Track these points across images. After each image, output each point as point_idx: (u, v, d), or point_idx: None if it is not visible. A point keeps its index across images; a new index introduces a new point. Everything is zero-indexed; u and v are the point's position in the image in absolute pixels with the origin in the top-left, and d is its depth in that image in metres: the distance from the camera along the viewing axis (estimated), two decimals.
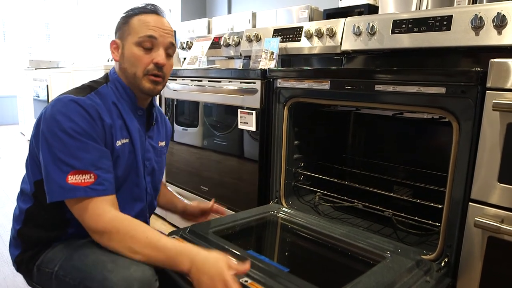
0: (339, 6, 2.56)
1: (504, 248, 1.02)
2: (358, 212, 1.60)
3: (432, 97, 1.14)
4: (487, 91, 1.02)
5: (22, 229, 1.05)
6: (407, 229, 1.44)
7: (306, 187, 1.72)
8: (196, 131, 2.09)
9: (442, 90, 1.11)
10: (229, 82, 1.79)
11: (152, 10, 1.08)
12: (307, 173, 1.72)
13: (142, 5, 1.09)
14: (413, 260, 1.10)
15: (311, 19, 2.66)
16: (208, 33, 3.54)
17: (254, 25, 3.13)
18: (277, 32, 2.18)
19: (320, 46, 1.95)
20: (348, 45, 1.81)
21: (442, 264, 1.13)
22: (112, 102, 1.05)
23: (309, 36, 1.99)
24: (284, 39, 2.12)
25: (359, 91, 1.31)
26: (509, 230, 0.99)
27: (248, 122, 1.69)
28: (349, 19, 1.84)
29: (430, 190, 1.49)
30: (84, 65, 4.01)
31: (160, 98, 2.33)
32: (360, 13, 2.36)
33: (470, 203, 1.08)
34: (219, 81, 1.84)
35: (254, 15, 3.15)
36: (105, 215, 0.94)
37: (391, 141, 1.91)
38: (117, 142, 1.03)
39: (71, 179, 0.92)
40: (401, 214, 1.40)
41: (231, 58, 2.72)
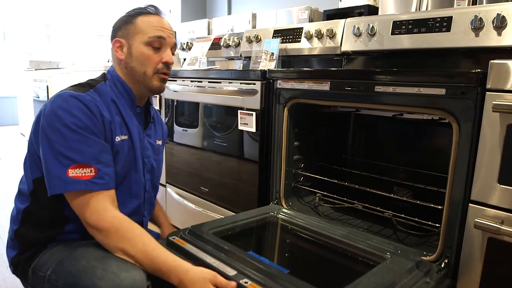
0: (339, 7, 2.56)
1: (504, 250, 1.02)
2: (358, 213, 1.60)
3: (432, 98, 1.14)
4: (487, 92, 1.02)
5: (19, 229, 1.05)
6: (407, 230, 1.44)
7: (306, 188, 1.72)
8: (196, 132, 2.09)
9: (442, 91, 1.11)
10: (229, 83, 1.79)
11: (154, 11, 1.11)
12: (307, 174, 1.72)
13: (143, 6, 1.11)
14: (413, 261, 1.10)
15: (311, 20, 2.67)
16: (208, 34, 3.54)
17: (254, 26, 3.14)
18: (277, 33, 2.18)
19: (320, 47, 1.96)
20: (348, 46, 1.82)
21: (442, 265, 1.13)
22: (111, 99, 1.07)
23: (309, 37, 1.99)
24: (284, 40, 2.12)
25: (359, 92, 1.31)
26: (509, 231, 0.99)
27: (248, 123, 1.69)
28: (349, 20, 1.84)
29: (430, 191, 1.49)
30: (84, 66, 4.01)
31: (160, 99, 2.33)
32: (360, 14, 2.36)
33: (470, 204, 1.08)
34: (219, 82, 1.84)
35: (254, 16, 3.15)
36: (106, 213, 0.95)
37: (391, 142, 1.91)
38: (117, 137, 1.04)
39: (72, 173, 0.93)
40: (401, 215, 1.40)
41: (231, 59, 2.73)
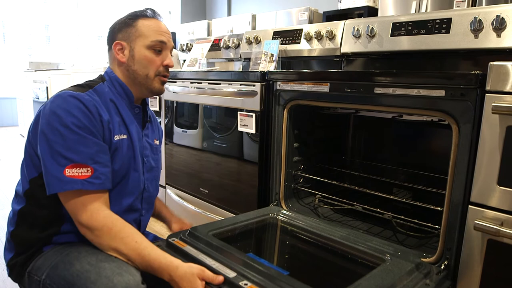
0: (339, 8, 2.57)
1: (504, 251, 1.02)
2: (358, 214, 1.60)
3: (431, 100, 1.14)
4: (487, 94, 1.02)
5: (16, 231, 1.06)
6: (406, 231, 1.44)
7: (306, 189, 1.72)
8: (195, 133, 2.09)
9: (442, 92, 1.11)
10: (229, 84, 1.79)
11: (152, 15, 1.13)
12: (307, 175, 1.72)
13: (142, 10, 1.13)
14: (413, 263, 1.10)
15: (310, 21, 2.67)
16: (208, 35, 3.55)
17: (254, 27, 3.14)
18: (277, 34, 2.18)
19: (319, 49, 1.96)
20: (348, 47, 1.82)
21: (442, 267, 1.13)
22: (109, 99, 1.08)
23: (308, 39, 1.99)
24: (284, 41, 2.12)
25: (359, 93, 1.31)
26: (509, 233, 0.99)
27: (247, 125, 1.70)
28: (349, 21, 1.85)
29: (429, 192, 1.49)
30: (84, 67, 4.01)
31: (160, 100, 2.33)
32: (360, 15, 2.37)
33: (470, 206, 1.08)
34: (219, 83, 1.85)
35: (254, 17, 3.15)
36: (99, 213, 0.97)
37: (390, 144, 1.91)
38: (115, 136, 1.05)
39: (69, 172, 0.94)
40: (400, 216, 1.40)
41: (231, 60, 2.73)
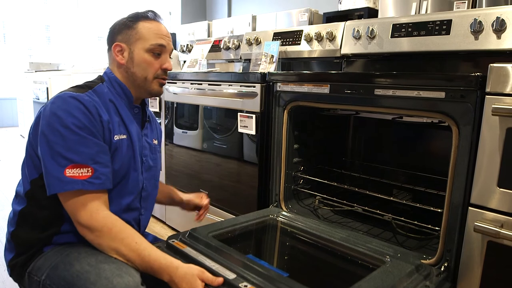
0: (339, 10, 2.57)
1: (504, 253, 1.02)
2: (358, 216, 1.60)
3: (431, 102, 1.14)
4: (487, 96, 1.02)
5: (16, 231, 1.06)
6: (406, 233, 1.44)
7: (306, 190, 1.72)
8: (196, 134, 2.09)
9: (442, 94, 1.11)
10: (229, 85, 1.79)
11: (153, 17, 1.12)
12: (307, 176, 1.72)
13: (143, 12, 1.12)
14: (413, 264, 1.10)
15: (311, 22, 2.67)
16: (208, 36, 3.55)
17: (254, 28, 3.14)
18: (277, 36, 2.18)
19: (319, 50, 1.96)
20: (348, 48, 1.82)
21: (442, 269, 1.13)
22: (109, 100, 1.08)
23: (309, 40, 1.99)
24: (284, 43, 2.12)
25: (359, 95, 1.31)
26: (509, 235, 0.99)
27: (248, 126, 1.70)
28: (349, 22, 1.85)
29: (429, 194, 1.48)
30: (84, 68, 4.02)
31: (160, 101, 2.33)
32: (360, 16, 2.36)
33: (470, 207, 1.08)
34: (219, 85, 1.85)
35: (254, 18, 3.15)
36: (99, 213, 0.97)
37: (390, 145, 1.91)
38: (115, 136, 1.06)
39: (69, 173, 0.95)
40: (400, 218, 1.40)
41: (231, 61, 2.73)
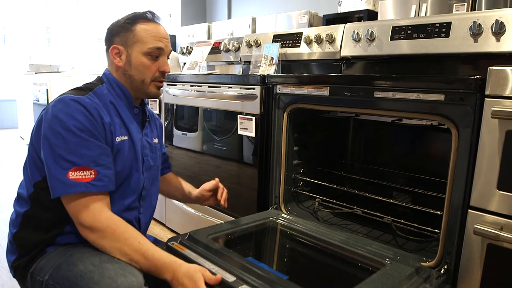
0: (339, 12, 2.57)
1: (504, 256, 1.02)
2: (358, 218, 1.60)
3: (431, 104, 1.14)
4: (486, 99, 1.03)
5: (19, 232, 1.06)
6: (406, 235, 1.43)
7: (306, 193, 1.72)
8: (195, 135, 2.09)
9: (441, 97, 1.11)
10: (229, 87, 1.79)
11: (151, 18, 1.12)
12: (307, 179, 1.72)
13: (141, 13, 1.11)
14: (413, 267, 1.10)
15: (310, 24, 2.68)
16: (208, 38, 3.55)
17: (254, 30, 3.15)
18: (277, 38, 2.18)
19: (319, 52, 1.96)
20: (348, 51, 1.82)
21: (442, 271, 1.13)
22: (109, 101, 1.09)
23: (308, 42, 2.00)
24: (284, 45, 2.12)
25: (359, 97, 1.31)
26: (508, 237, 0.99)
27: (247, 128, 1.70)
28: (349, 25, 1.85)
29: (429, 196, 1.48)
30: (84, 70, 4.02)
31: (160, 103, 2.34)
32: (360, 18, 2.37)
33: (470, 210, 1.08)
34: (219, 87, 1.85)
35: (254, 20, 3.16)
36: (102, 214, 0.98)
37: (390, 147, 1.91)
38: (117, 138, 1.06)
39: (72, 175, 0.95)
40: (400, 220, 1.40)
41: (231, 63, 2.73)
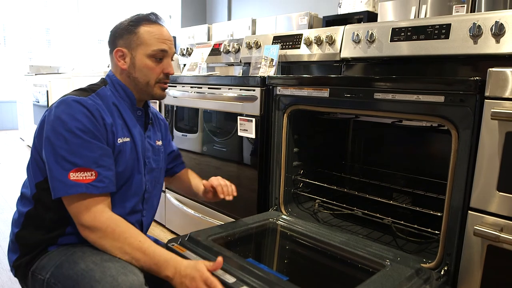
0: (339, 13, 2.58)
1: (504, 257, 1.02)
2: (358, 219, 1.60)
3: (431, 106, 1.14)
4: (486, 100, 1.03)
5: (21, 232, 1.06)
6: (406, 236, 1.44)
7: (306, 194, 1.72)
8: (195, 137, 2.09)
9: (441, 98, 1.12)
10: (229, 89, 1.79)
11: (155, 20, 1.11)
12: (307, 180, 1.72)
13: (144, 15, 1.11)
14: (413, 268, 1.10)
15: (310, 26, 2.68)
16: (208, 39, 3.56)
17: (254, 32, 3.15)
18: (277, 39, 2.19)
19: (319, 54, 1.96)
20: (347, 52, 1.82)
21: (442, 273, 1.13)
22: (112, 103, 1.09)
23: (308, 44, 2.00)
24: (284, 46, 2.13)
25: (359, 99, 1.31)
26: (508, 239, 0.99)
27: (247, 129, 1.70)
28: (348, 26, 1.85)
29: (429, 197, 1.49)
30: (84, 71, 4.03)
31: (160, 105, 2.34)
32: (360, 20, 2.38)
33: (470, 211, 1.08)
34: (219, 88, 1.85)
35: (254, 21, 3.17)
36: (103, 214, 0.98)
37: (390, 149, 1.91)
38: (118, 139, 1.06)
39: (73, 176, 0.95)
40: (400, 221, 1.40)
41: (231, 64, 2.74)
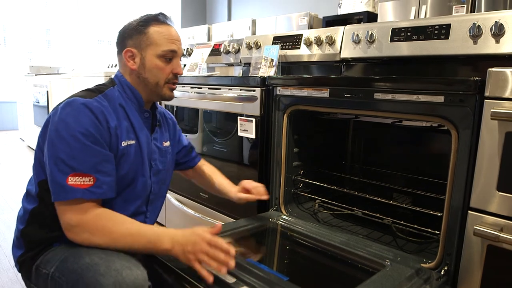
0: (338, 14, 2.58)
1: (504, 257, 1.02)
2: (358, 219, 1.60)
3: (431, 106, 1.15)
4: (485, 100, 1.03)
5: (26, 229, 1.06)
6: (406, 236, 1.44)
7: (306, 194, 1.72)
8: (195, 137, 2.09)
9: (441, 98, 1.12)
10: (229, 89, 1.80)
11: (164, 20, 1.11)
12: (307, 180, 1.73)
13: (153, 15, 1.11)
14: (413, 268, 1.10)
15: (310, 26, 2.68)
16: (208, 39, 3.56)
17: (254, 32, 3.16)
18: (277, 40, 2.19)
19: (319, 54, 1.96)
20: (347, 53, 1.82)
21: (442, 273, 1.13)
22: (119, 104, 1.09)
23: (308, 44, 2.00)
24: (284, 47, 2.13)
25: (358, 99, 1.31)
26: (508, 238, 0.99)
27: (247, 130, 1.70)
28: (348, 27, 1.85)
29: (429, 197, 1.49)
30: (84, 71, 4.03)
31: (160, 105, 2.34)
32: (359, 20, 2.38)
33: (469, 211, 1.09)
34: (219, 89, 1.85)
35: (254, 22, 3.17)
36: (89, 213, 0.97)
37: (390, 149, 1.91)
38: (123, 142, 1.06)
39: (71, 181, 0.95)
40: (400, 221, 1.40)
41: (231, 65, 2.74)
